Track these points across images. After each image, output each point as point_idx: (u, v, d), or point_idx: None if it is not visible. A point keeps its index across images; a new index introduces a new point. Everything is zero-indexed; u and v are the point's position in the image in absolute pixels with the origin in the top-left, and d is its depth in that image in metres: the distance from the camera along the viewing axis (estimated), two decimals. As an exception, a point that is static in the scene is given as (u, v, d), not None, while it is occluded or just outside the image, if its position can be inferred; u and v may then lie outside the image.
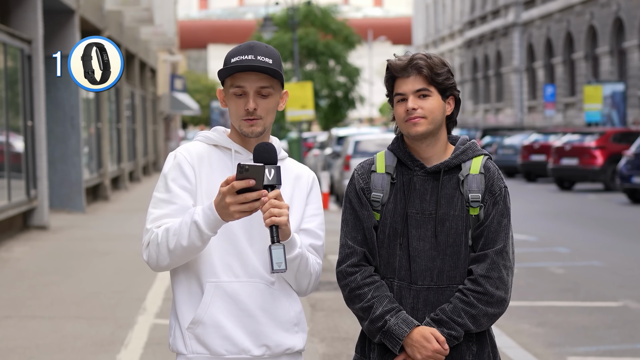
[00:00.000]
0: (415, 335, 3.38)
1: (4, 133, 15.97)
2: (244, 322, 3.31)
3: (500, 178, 3.49)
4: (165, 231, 3.25)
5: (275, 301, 3.34)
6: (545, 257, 14.16)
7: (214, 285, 3.30)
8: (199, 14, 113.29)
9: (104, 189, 24.64)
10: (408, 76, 3.41)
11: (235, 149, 3.38)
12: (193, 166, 3.34)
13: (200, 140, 3.44)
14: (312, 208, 3.45)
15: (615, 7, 40.25)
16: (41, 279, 11.76)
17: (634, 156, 23.42)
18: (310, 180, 3.47)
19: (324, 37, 43.59)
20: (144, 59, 35.01)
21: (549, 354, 8.24)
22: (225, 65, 3.32)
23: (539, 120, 49.64)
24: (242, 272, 3.31)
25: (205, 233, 3.18)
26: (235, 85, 3.32)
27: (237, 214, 3.12)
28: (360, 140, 23.86)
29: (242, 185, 3.08)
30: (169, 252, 3.24)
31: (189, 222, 3.19)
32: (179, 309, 3.35)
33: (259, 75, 3.31)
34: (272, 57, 3.32)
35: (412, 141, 3.46)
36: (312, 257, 3.39)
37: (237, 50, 3.34)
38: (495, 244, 3.41)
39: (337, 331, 8.72)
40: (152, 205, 3.34)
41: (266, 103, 3.33)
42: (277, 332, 3.34)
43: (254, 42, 3.35)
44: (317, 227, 3.44)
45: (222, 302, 3.30)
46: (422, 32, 78.11)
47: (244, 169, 3.07)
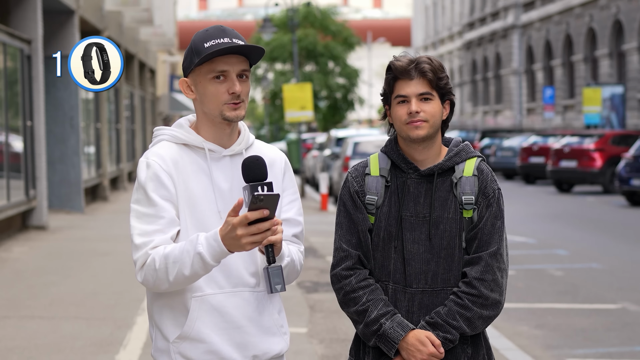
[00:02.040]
0: (411, 339, 3.37)
1: (3, 133, 15.97)
2: (231, 335, 3.23)
3: (493, 180, 3.47)
4: (163, 258, 3.12)
5: (259, 306, 3.27)
6: (544, 259, 14.16)
7: (199, 299, 3.21)
8: (199, 15, 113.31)
9: (103, 190, 24.64)
10: (411, 79, 3.39)
11: (209, 147, 3.26)
12: (170, 174, 3.21)
13: (167, 139, 3.29)
14: (289, 194, 3.36)
15: (614, 10, 40.26)
16: (40, 279, 11.76)
17: (633, 159, 23.42)
18: (283, 165, 3.37)
19: (324, 39, 43.57)
20: (143, 60, 35.01)
21: (548, 356, 8.24)
22: (199, 51, 3.20)
23: (538, 123, 49.64)
24: (225, 282, 3.23)
25: (210, 264, 3.08)
26: (216, 69, 3.21)
27: (248, 245, 3.01)
28: (359, 141, 23.88)
29: (256, 216, 2.95)
30: (168, 279, 3.13)
31: (191, 253, 3.07)
32: (161, 322, 3.26)
33: (239, 58, 3.22)
34: (241, 38, 3.24)
35: (409, 144, 3.44)
36: (296, 252, 3.32)
37: (207, 35, 3.22)
38: (489, 247, 3.41)
39: (335, 332, 8.72)
40: (136, 219, 3.18)
41: (246, 86, 3.24)
42: (264, 339, 3.28)
43: (222, 26, 3.25)
44: (296, 214, 3.36)
45: (209, 316, 3.22)
46: (421, 34, 78.11)
47: (258, 199, 2.94)
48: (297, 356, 7.77)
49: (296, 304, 9.88)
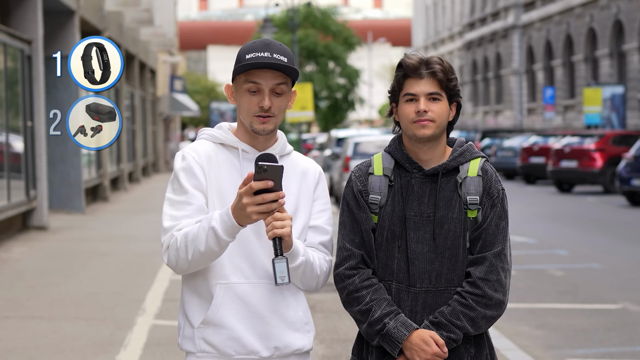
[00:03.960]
0: (415, 339, 3.37)
1: (3, 133, 15.97)
2: (254, 324, 3.31)
3: (497, 180, 3.47)
4: (184, 236, 3.23)
5: (285, 301, 3.34)
6: (544, 259, 14.16)
7: (224, 287, 3.30)
8: (199, 15, 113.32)
9: (103, 190, 24.64)
10: (421, 78, 3.40)
11: (243, 147, 3.36)
12: (202, 167, 3.33)
13: (206, 138, 3.42)
14: (320, 203, 3.45)
15: (615, 10, 40.26)
16: (40, 279, 11.76)
17: (633, 159, 23.42)
18: (317, 175, 3.47)
19: (324, 39, 43.60)
20: (143, 60, 35.01)
21: (548, 356, 8.24)
22: (240, 61, 3.30)
23: (539, 123, 49.64)
24: (251, 273, 3.31)
25: (223, 239, 3.17)
26: (250, 81, 3.29)
27: (254, 215, 3.10)
28: (359, 141, 23.86)
29: (260, 186, 3.06)
30: (187, 257, 3.23)
31: (206, 228, 3.18)
32: (188, 309, 3.36)
33: (274, 73, 3.30)
34: (286, 55, 3.31)
35: (415, 143, 3.45)
36: (318, 258, 3.38)
37: (252, 47, 3.31)
38: (494, 247, 3.41)
39: (336, 333, 8.72)
40: (169, 206, 3.32)
41: (279, 101, 3.32)
42: (287, 333, 3.34)
43: (268, 40, 3.33)
44: (325, 223, 3.45)
45: (233, 304, 3.30)
46: (421, 34, 78.12)
47: (262, 169, 3.04)
48: (298, 356, 7.76)
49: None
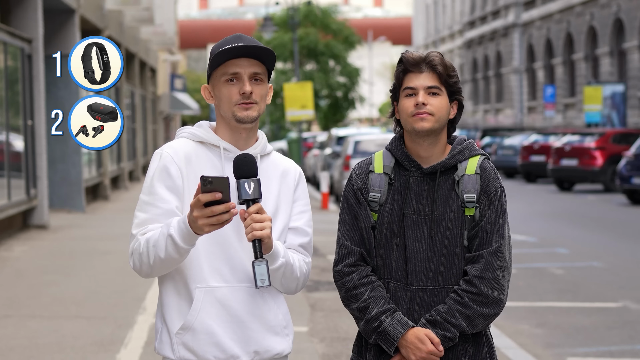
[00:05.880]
0: (410, 337, 3.38)
1: (4, 132, 15.98)
2: (234, 329, 3.27)
3: (496, 178, 3.47)
4: (146, 241, 3.20)
5: (265, 305, 3.31)
6: (544, 257, 14.16)
7: (203, 290, 3.26)
8: (199, 14, 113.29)
9: (103, 189, 24.64)
10: (421, 72, 3.43)
11: (224, 146, 3.33)
12: (180, 167, 3.28)
13: (186, 137, 3.37)
14: (300, 205, 3.42)
15: (615, 8, 40.25)
16: (41, 278, 11.76)
17: (633, 157, 23.43)
18: (297, 176, 3.43)
19: (324, 37, 43.59)
20: (144, 59, 35.01)
21: (549, 355, 8.25)
22: (213, 54, 3.30)
23: (539, 121, 49.63)
24: (231, 276, 3.27)
25: (181, 247, 3.14)
26: (229, 72, 3.29)
27: (206, 227, 3.07)
28: (360, 140, 23.87)
29: (208, 199, 3.02)
30: (149, 262, 3.21)
31: (165, 234, 3.15)
32: (167, 313, 3.31)
33: (251, 61, 3.29)
34: (260, 44, 3.32)
35: (414, 138, 3.46)
36: (298, 260, 3.35)
37: (224, 41, 3.32)
38: (490, 245, 3.41)
39: (336, 331, 8.73)
40: (138, 207, 3.29)
41: (260, 89, 3.31)
42: (267, 337, 3.31)
43: (240, 34, 3.33)
44: (305, 224, 3.42)
45: (213, 308, 3.25)
46: (422, 33, 78.10)
47: (207, 181, 3.00)
48: (298, 355, 7.77)
49: (297, 303, 9.88)
